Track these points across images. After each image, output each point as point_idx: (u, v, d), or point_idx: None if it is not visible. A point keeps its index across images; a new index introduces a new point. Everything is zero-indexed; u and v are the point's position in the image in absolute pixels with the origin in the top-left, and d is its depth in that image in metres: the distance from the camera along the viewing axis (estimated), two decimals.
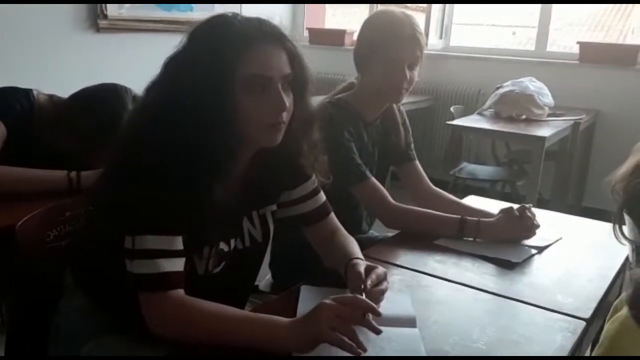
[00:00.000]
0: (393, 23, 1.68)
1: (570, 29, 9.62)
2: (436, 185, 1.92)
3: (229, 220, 1.19)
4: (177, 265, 1.08)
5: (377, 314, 1.03)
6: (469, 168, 3.87)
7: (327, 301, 1.02)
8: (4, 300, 1.55)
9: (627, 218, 1.21)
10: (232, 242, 1.24)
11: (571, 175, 4.07)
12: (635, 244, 1.25)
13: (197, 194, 1.07)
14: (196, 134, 1.05)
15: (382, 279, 1.20)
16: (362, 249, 1.40)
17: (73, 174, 1.65)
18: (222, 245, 1.21)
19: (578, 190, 4.26)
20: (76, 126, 1.67)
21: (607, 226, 1.34)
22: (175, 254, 1.07)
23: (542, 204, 3.70)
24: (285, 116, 1.13)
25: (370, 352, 1.02)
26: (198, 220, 1.09)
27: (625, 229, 1.21)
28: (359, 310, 1.02)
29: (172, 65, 1.12)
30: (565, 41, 4.69)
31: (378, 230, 1.97)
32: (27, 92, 1.80)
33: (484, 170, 3.95)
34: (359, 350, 0.97)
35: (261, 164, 1.21)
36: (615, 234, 1.20)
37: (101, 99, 1.71)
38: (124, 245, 1.07)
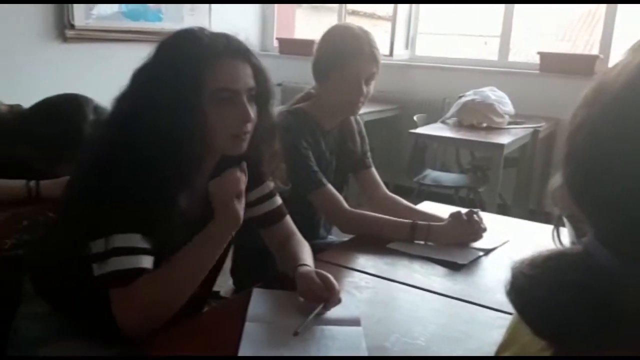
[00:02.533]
0: (352, 39, 1.75)
1: (539, 39, 9.84)
2: (401, 192, 1.99)
3: (196, 227, 1.23)
4: (148, 262, 1.12)
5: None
6: (433, 175, 3.96)
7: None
8: None
9: (566, 222, 1.28)
10: None
11: (532, 182, 4.19)
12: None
13: (166, 203, 1.13)
14: (164, 144, 1.11)
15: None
16: (318, 253, 1.45)
17: (32, 183, 1.67)
18: None
19: (540, 196, 4.37)
20: (34, 136, 1.69)
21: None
22: (145, 251, 1.12)
23: (504, 210, 3.80)
24: (249, 127, 1.21)
25: (315, 350, 1.07)
26: (166, 227, 1.14)
27: (563, 231, 1.29)
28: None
29: (141, 78, 1.18)
30: (534, 51, 4.85)
31: (336, 236, 2.03)
32: None
33: (447, 177, 4.04)
34: None
35: (223, 170, 1.27)
36: (552, 237, 1.27)
37: (61, 109, 1.73)
38: (92, 251, 1.10)
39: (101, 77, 3.29)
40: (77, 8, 3.91)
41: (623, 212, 0.52)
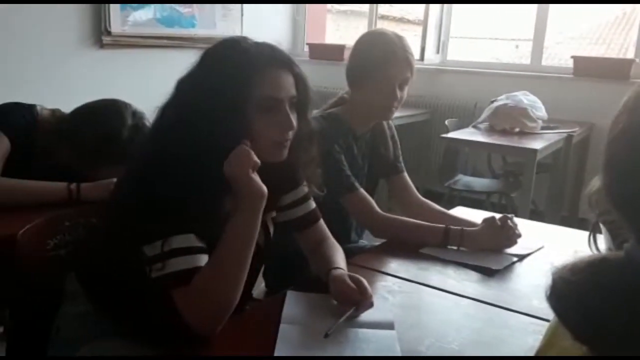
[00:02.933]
0: (387, 45, 1.76)
1: (572, 43, 9.70)
2: (432, 197, 1.99)
3: None
4: (205, 261, 1.14)
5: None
6: (465, 180, 3.93)
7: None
8: (6, 307, 1.62)
9: (602, 228, 1.27)
10: None
11: (566, 187, 4.12)
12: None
13: (214, 204, 1.17)
14: (211, 150, 1.14)
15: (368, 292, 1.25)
16: (350, 257, 1.46)
17: (73, 185, 1.72)
18: None
19: (573, 202, 4.31)
20: (75, 140, 1.74)
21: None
22: (201, 250, 1.15)
23: (537, 216, 3.75)
24: (291, 134, 1.24)
25: (350, 352, 1.08)
26: (215, 227, 1.17)
27: (600, 237, 1.27)
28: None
29: (187, 86, 1.22)
30: (567, 55, 4.77)
31: (368, 240, 2.03)
32: (31, 108, 1.87)
33: (479, 182, 4.01)
34: None
35: (262, 175, 1.29)
36: (589, 243, 1.26)
37: (100, 114, 1.78)
38: (149, 254, 1.12)
39: (137, 81, 3.38)
40: (114, 15, 4.01)
41: None
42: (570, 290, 0.57)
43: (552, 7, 4.59)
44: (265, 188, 1.17)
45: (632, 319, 0.52)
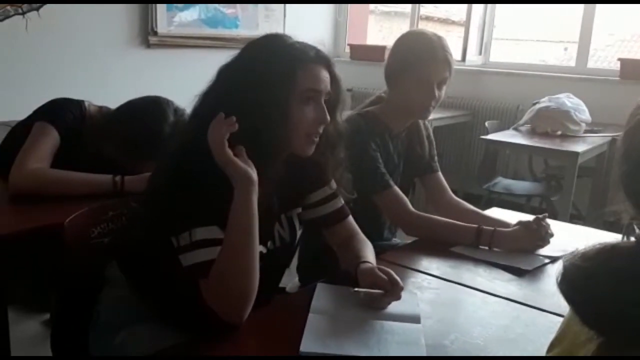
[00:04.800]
0: (426, 44, 1.78)
1: (622, 45, 9.43)
2: (471, 200, 1.99)
3: (265, 224, 1.29)
4: None
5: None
6: (504, 183, 3.89)
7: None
8: (53, 293, 1.70)
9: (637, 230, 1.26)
10: (269, 244, 1.37)
11: (608, 192, 4.03)
12: None
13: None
14: (246, 138, 1.18)
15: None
16: (381, 254, 1.48)
17: (118, 178, 1.80)
18: (261, 248, 1.29)
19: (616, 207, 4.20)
20: (120, 135, 1.82)
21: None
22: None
23: (578, 221, 3.69)
24: (321, 129, 1.29)
25: (375, 342, 1.11)
26: None
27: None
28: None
29: (229, 73, 1.27)
30: (616, 57, 4.67)
31: (401, 239, 2.05)
32: (80, 103, 1.97)
33: (519, 185, 3.96)
34: None
35: (288, 170, 1.33)
36: None
37: (144, 111, 1.85)
38: (180, 244, 1.16)
39: (181, 80, 3.47)
40: (161, 16, 4.14)
41: None
42: (581, 276, 0.59)
43: (602, 9, 4.49)
44: (251, 170, 1.17)
45: None
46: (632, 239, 1.22)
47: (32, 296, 2.28)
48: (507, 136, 3.73)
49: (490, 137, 3.66)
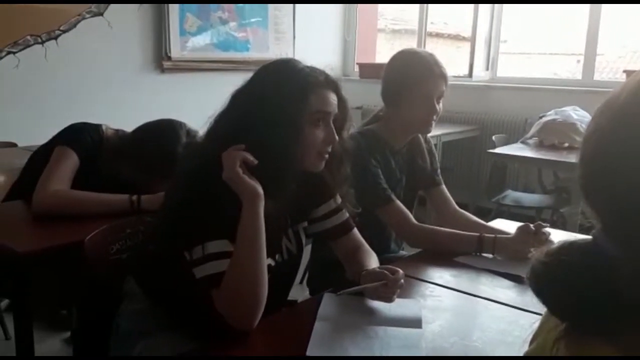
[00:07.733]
0: (422, 62, 1.86)
1: (635, 57, 9.42)
2: (481, 213, 2.04)
3: (273, 238, 1.37)
4: None
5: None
6: (514, 196, 3.93)
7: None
8: (75, 303, 1.78)
9: None
10: (277, 257, 1.44)
11: None
12: None
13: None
14: (260, 159, 1.26)
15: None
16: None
17: (135, 197, 1.89)
18: (269, 261, 1.38)
19: None
20: (136, 156, 1.92)
21: None
22: None
23: (588, 231, 3.70)
24: (330, 147, 1.38)
25: (378, 347, 1.18)
26: None
27: None
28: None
29: (243, 97, 1.36)
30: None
31: (408, 251, 2.11)
32: (97, 127, 2.07)
33: (528, 198, 4.00)
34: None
35: (295, 187, 1.41)
36: None
37: (157, 133, 1.95)
38: (193, 257, 1.24)
39: (194, 102, 3.58)
40: (174, 41, 4.28)
41: (625, 206, 0.61)
42: (544, 271, 0.65)
43: (611, 20, 4.53)
44: (257, 186, 1.24)
45: (595, 292, 0.61)
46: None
47: (55, 313, 2.37)
48: (514, 149, 3.78)
49: (498, 150, 3.71)
